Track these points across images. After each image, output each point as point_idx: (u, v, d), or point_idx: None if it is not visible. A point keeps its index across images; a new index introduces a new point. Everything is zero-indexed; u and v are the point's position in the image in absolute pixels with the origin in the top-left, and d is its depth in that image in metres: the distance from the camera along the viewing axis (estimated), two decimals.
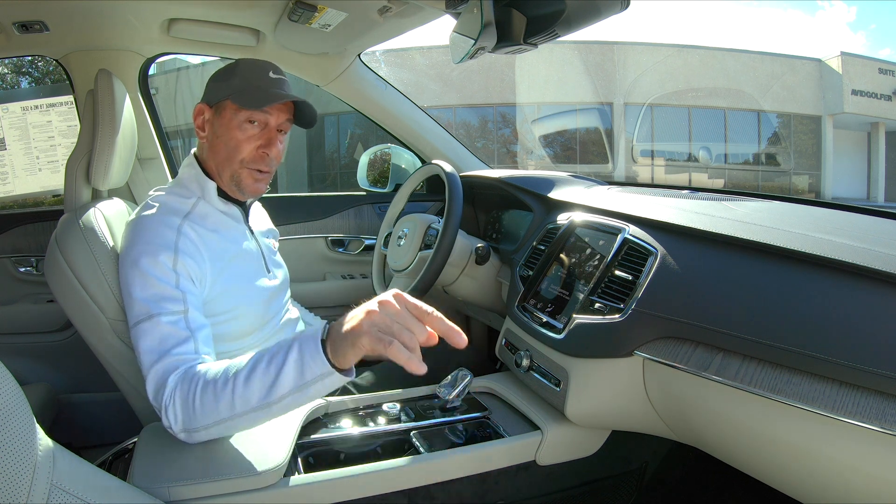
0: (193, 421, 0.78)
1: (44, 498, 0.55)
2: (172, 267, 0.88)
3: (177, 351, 0.82)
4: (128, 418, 1.05)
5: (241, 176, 1.00)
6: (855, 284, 0.66)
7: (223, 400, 0.75)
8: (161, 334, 0.83)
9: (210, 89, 1.00)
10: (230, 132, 0.97)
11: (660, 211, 0.97)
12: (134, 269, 0.87)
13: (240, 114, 0.96)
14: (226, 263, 0.97)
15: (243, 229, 1.06)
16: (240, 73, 0.97)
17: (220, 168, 1.00)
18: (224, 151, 0.98)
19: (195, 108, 1.01)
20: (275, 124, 0.99)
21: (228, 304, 0.97)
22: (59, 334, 1.55)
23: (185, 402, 0.78)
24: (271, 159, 1.00)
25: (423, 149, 1.84)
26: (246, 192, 1.02)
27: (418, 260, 1.35)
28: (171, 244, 0.89)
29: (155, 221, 0.92)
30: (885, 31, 22.54)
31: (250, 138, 0.97)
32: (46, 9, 1.27)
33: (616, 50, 11.30)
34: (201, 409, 0.77)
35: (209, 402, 0.76)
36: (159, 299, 0.85)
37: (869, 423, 0.59)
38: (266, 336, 1.05)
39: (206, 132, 1.00)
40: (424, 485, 0.87)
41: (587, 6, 0.90)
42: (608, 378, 0.90)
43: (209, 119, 1.00)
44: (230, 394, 0.74)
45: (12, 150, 1.76)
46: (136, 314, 0.85)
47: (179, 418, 0.78)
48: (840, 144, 11.65)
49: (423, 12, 1.23)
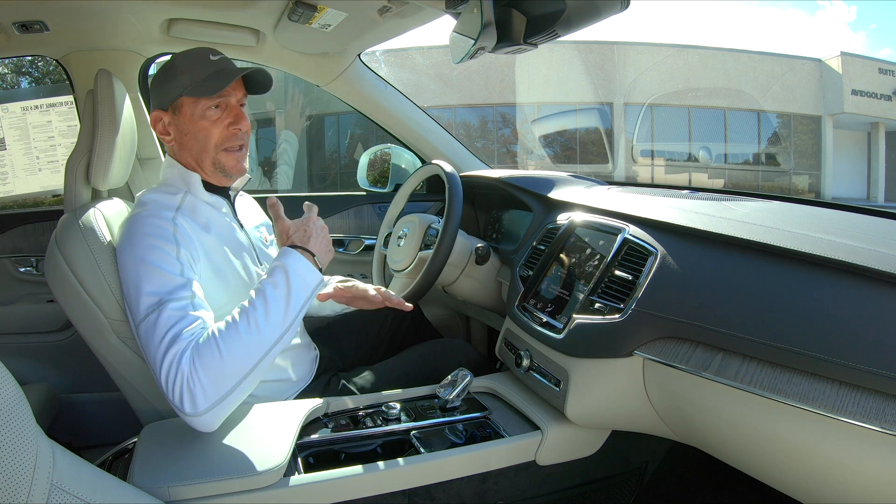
0: (222, 386, 0.79)
1: (44, 498, 0.55)
2: (176, 256, 0.89)
3: (185, 335, 0.82)
4: (128, 418, 1.05)
5: (222, 160, 1.02)
6: (855, 284, 0.66)
7: (252, 339, 0.81)
8: (170, 320, 0.83)
9: (157, 95, 1.01)
10: (196, 124, 0.99)
11: (660, 211, 0.97)
12: (140, 264, 0.88)
13: (199, 104, 0.98)
14: (218, 256, 0.98)
15: (231, 221, 1.07)
16: (183, 69, 0.98)
17: (199, 160, 1.02)
18: (196, 144, 1.00)
19: (151, 117, 1.01)
20: (235, 101, 1.01)
21: (222, 297, 0.97)
22: (59, 334, 1.55)
23: (209, 367, 0.79)
24: (243, 133, 1.02)
25: (423, 149, 1.84)
26: (232, 174, 1.04)
27: (418, 260, 1.35)
28: (170, 236, 0.91)
29: (150, 216, 0.93)
30: (885, 31, 22.54)
31: (217, 122, 0.99)
32: (46, 9, 1.27)
33: (616, 50, 11.29)
34: (231, 363, 0.80)
35: (237, 350, 0.80)
36: (168, 289, 0.86)
37: (869, 423, 0.59)
38: None
39: (171, 135, 1.01)
40: (424, 485, 0.87)
41: (587, 6, 0.90)
42: (608, 378, 0.90)
43: (169, 122, 1.01)
44: (256, 329, 0.82)
45: (12, 150, 1.76)
46: (146, 307, 0.85)
47: (206, 392, 0.79)
48: (840, 144, 11.65)
49: (423, 12, 1.23)
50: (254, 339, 0.82)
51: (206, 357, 0.79)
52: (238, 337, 0.81)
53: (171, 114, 1.00)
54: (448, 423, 0.99)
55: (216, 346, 0.80)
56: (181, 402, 0.79)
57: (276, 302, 0.84)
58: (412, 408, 1.02)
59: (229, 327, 0.82)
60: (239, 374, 0.81)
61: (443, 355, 1.29)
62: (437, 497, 0.89)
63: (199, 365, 0.79)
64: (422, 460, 0.87)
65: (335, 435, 0.93)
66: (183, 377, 0.79)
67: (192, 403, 0.79)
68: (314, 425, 0.95)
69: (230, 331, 0.82)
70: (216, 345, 0.80)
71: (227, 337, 0.81)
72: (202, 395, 0.79)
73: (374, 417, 0.98)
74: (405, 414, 0.99)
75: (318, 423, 0.96)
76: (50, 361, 1.54)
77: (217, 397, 0.80)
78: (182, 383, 0.79)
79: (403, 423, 0.96)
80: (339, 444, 0.92)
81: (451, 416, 1.01)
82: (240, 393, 0.82)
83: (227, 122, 1.00)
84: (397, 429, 0.95)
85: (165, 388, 0.80)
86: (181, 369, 0.79)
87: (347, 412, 1.00)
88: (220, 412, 0.81)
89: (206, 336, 0.82)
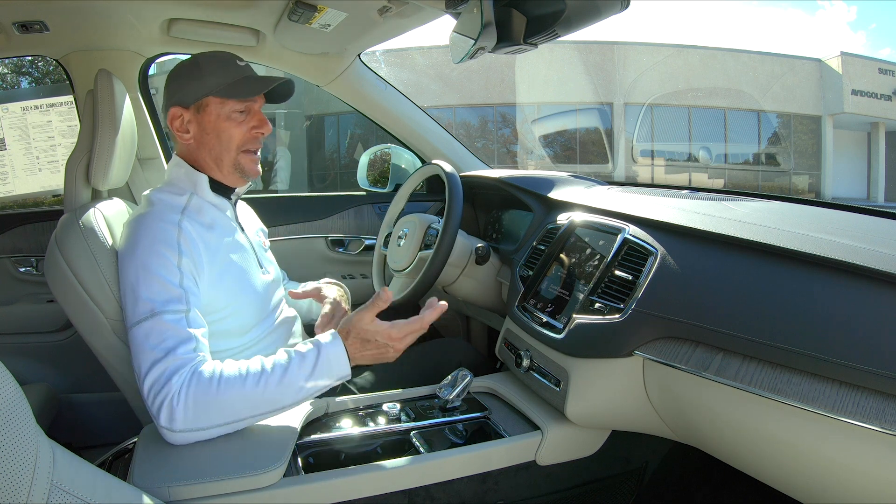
0: (204, 419, 0.80)
1: (44, 498, 0.55)
2: (177, 265, 0.89)
3: (179, 351, 0.83)
4: (128, 418, 1.05)
5: (242, 161, 1.03)
6: (855, 284, 0.66)
7: (254, 397, 0.82)
8: (164, 333, 0.84)
9: (178, 91, 1.00)
10: (220, 124, 1.00)
11: (660, 211, 0.97)
12: (140, 269, 0.88)
13: (226, 105, 1.00)
14: (222, 257, 0.98)
15: (234, 223, 1.08)
16: (210, 70, 0.99)
17: (217, 161, 1.02)
18: (218, 144, 1.01)
19: (169, 113, 1.01)
20: (258, 107, 1.04)
21: (227, 299, 0.97)
22: (59, 334, 1.55)
23: (199, 402, 0.80)
24: (264, 137, 1.06)
25: (423, 149, 1.84)
26: (249, 175, 1.06)
27: (418, 260, 1.35)
28: (173, 242, 0.90)
29: (155, 219, 0.93)
30: (885, 31, 22.55)
31: (241, 124, 1.02)
32: (46, 9, 1.27)
33: (616, 50, 11.29)
34: (218, 408, 0.80)
35: (233, 398, 0.81)
36: (164, 298, 0.86)
37: (869, 423, 0.59)
38: (265, 331, 1.06)
39: (190, 132, 1.01)
40: (424, 485, 0.87)
41: (587, 6, 0.90)
42: (608, 378, 0.90)
43: (190, 119, 1.01)
44: (262, 390, 0.82)
45: (12, 150, 1.76)
46: (140, 312, 0.86)
47: (186, 416, 0.79)
48: (840, 144, 11.65)
49: (423, 12, 1.23)
50: (256, 397, 0.82)
51: (201, 388, 0.80)
52: (241, 388, 0.81)
53: (194, 112, 1.00)
54: (448, 423, 0.99)
55: (215, 385, 0.81)
56: (158, 414, 0.80)
57: (296, 376, 0.84)
58: (412, 408, 1.02)
59: (237, 376, 0.82)
60: (224, 418, 0.82)
61: (443, 355, 1.29)
62: (437, 497, 0.89)
63: (192, 392, 0.80)
64: (422, 460, 0.87)
65: (335, 435, 0.93)
66: (169, 393, 0.80)
67: (169, 419, 0.80)
68: (314, 425, 0.95)
69: (236, 380, 0.82)
70: (216, 384, 0.81)
71: (230, 383, 0.82)
72: (182, 417, 0.80)
73: (374, 417, 0.98)
74: (405, 414, 0.99)
75: (318, 423, 0.96)
76: (50, 361, 1.54)
77: (194, 426, 0.81)
78: (165, 398, 0.80)
79: (403, 423, 0.96)
80: (339, 444, 0.92)
81: (451, 416, 1.01)
82: (218, 431, 0.83)
83: (251, 125, 1.02)
84: (397, 429, 0.95)
85: (146, 395, 0.81)
86: (170, 386, 0.80)
87: (347, 412, 1.00)
88: (193, 437, 0.82)
89: (211, 370, 0.82)
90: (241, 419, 0.83)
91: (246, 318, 1.01)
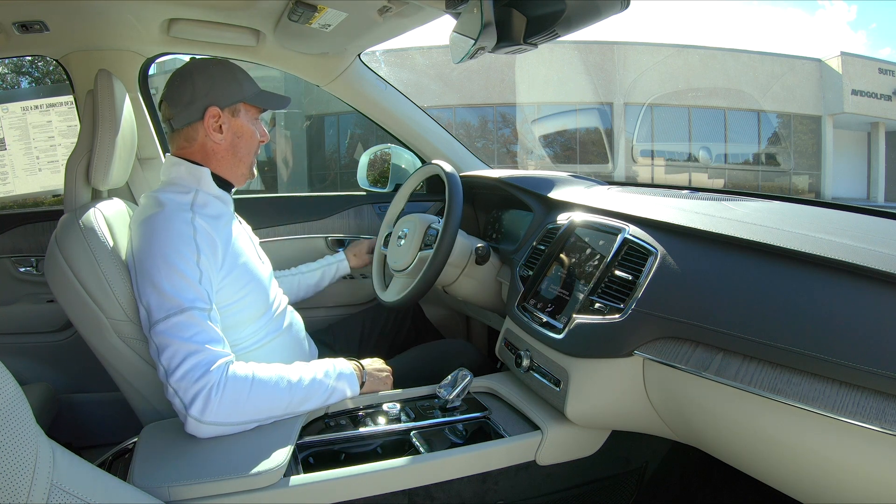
0: (235, 415, 0.85)
1: (44, 498, 0.55)
2: (196, 263, 0.92)
3: (215, 346, 0.87)
4: (128, 418, 1.05)
5: (252, 165, 1.12)
6: (855, 284, 0.66)
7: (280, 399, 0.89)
8: (196, 326, 0.87)
9: (210, 89, 1.02)
10: (248, 129, 1.08)
11: (660, 211, 0.97)
12: (163, 266, 0.89)
13: (251, 112, 1.08)
14: (233, 248, 1.01)
15: (234, 215, 1.11)
16: (242, 76, 1.07)
17: (240, 163, 1.08)
18: (245, 147, 1.08)
19: (208, 111, 1.03)
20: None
21: (239, 286, 1.00)
22: (59, 334, 1.55)
23: (234, 398, 0.84)
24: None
25: (423, 149, 1.84)
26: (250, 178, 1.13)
27: (418, 260, 1.35)
28: (191, 240, 0.93)
29: (170, 218, 0.94)
30: (885, 31, 22.55)
31: (255, 132, 1.10)
32: (46, 9, 1.27)
33: (616, 50, 11.29)
34: (249, 407, 0.86)
35: (261, 401, 0.87)
36: (191, 296, 0.89)
37: (869, 423, 0.59)
38: (269, 320, 1.09)
39: (223, 133, 1.04)
40: (424, 485, 0.87)
41: (587, 6, 0.90)
42: (608, 378, 0.90)
43: (225, 121, 1.04)
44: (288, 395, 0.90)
45: (12, 150, 1.76)
46: (168, 307, 0.87)
47: (220, 410, 0.83)
48: (840, 144, 11.65)
49: (423, 12, 1.23)
50: (283, 400, 0.90)
51: (238, 385, 0.85)
52: (274, 389, 0.89)
53: (229, 114, 1.04)
54: (448, 423, 0.99)
55: (248, 383, 0.87)
56: (191, 403, 0.82)
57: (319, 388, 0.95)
58: (412, 408, 1.02)
59: (270, 380, 0.89)
60: (250, 416, 0.87)
61: (443, 355, 1.30)
62: (437, 497, 0.89)
63: (229, 387, 0.84)
64: (422, 460, 0.87)
65: (335, 435, 0.93)
66: (208, 384, 0.83)
67: (202, 410, 0.82)
68: (314, 425, 0.95)
69: (267, 382, 0.89)
70: (249, 381, 0.87)
71: (263, 383, 0.88)
72: (216, 409, 0.83)
73: (374, 417, 0.98)
74: (405, 414, 0.99)
75: (318, 423, 0.96)
76: (50, 361, 1.54)
77: (225, 420, 0.84)
78: (202, 388, 0.82)
79: (403, 423, 0.96)
80: (339, 444, 0.92)
81: (451, 416, 1.01)
82: (239, 428, 0.87)
83: (261, 132, 1.11)
84: (397, 429, 0.96)
85: (178, 383, 0.83)
86: (209, 376, 0.83)
87: (347, 412, 1.00)
88: (218, 430, 0.85)
89: (241, 371, 0.87)
90: (265, 418, 0.89)
91: (255, 306, 1.04)
